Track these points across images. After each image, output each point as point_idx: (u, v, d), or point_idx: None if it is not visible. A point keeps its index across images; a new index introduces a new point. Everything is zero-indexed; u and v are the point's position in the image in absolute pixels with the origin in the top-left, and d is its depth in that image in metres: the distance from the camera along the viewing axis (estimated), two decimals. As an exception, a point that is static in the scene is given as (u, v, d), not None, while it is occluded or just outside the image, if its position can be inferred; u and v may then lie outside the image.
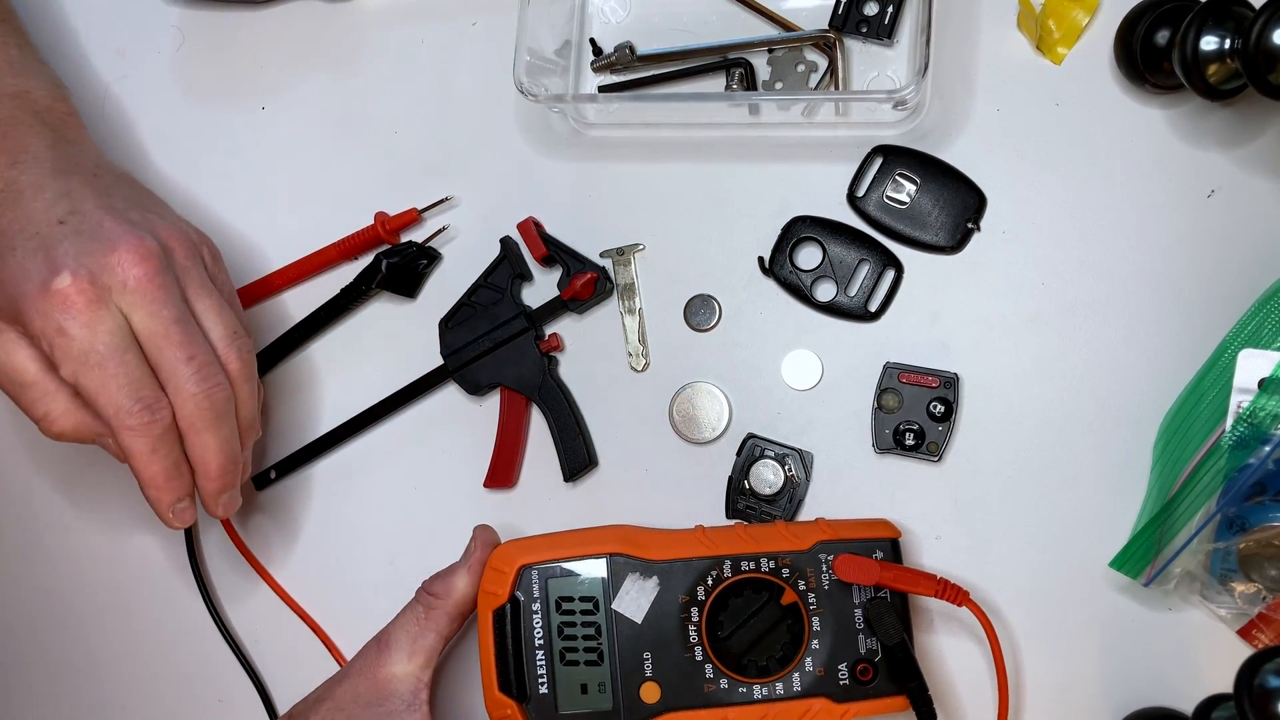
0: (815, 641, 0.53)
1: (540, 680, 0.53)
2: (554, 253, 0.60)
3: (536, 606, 0.54)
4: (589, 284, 0.59)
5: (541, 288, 0.61)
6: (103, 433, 0.52)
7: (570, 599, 0.54)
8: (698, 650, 0.53)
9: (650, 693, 0.53)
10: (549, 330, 0.60)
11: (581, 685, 0.53)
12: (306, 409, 0.62)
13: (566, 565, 0.54)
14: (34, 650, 0.64)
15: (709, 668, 0.53)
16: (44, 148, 0.53)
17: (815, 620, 0.53)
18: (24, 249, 0.50)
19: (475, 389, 0.60)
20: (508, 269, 0.60)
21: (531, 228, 0.60)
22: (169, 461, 0.51)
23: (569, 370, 0.60)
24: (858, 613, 0.53)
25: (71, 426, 0.52)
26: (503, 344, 0.60)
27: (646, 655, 0.53)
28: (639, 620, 0.53)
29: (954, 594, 0.51)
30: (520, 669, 0.54)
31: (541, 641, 0.54)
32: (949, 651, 0.56)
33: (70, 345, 0.49)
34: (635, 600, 0.53)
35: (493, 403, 0.60)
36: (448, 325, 0.61)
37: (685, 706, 0.53)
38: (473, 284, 0.61)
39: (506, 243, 0.60)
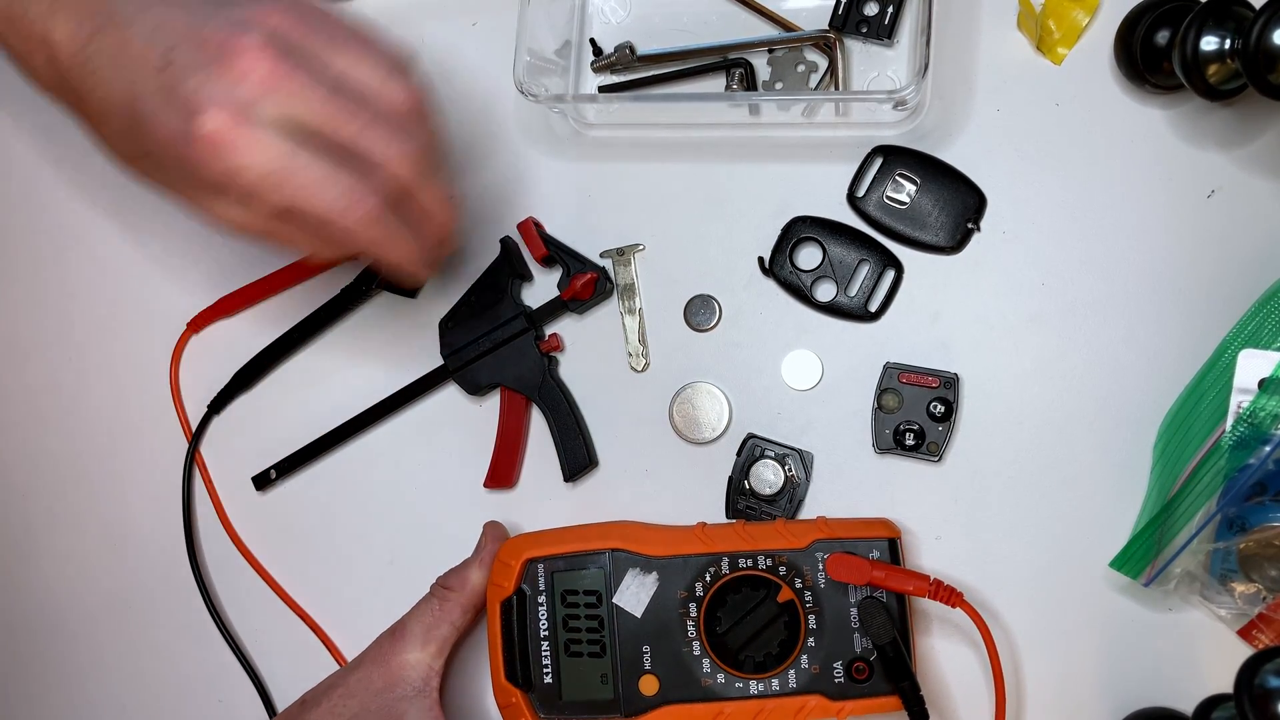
0: (811, 639, 0.53)
1: (545, 670, 0.54)
2: (554, 253, 0.60)
3: (542, 599, 0.54)
4: (589, 284, 0.59)
5: (541, 288, 0.61)
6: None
7: (575, 592, 0.54)
8: (695, 645, 0.53)
9: (649, 685, 0.53)
10: (549, 330, 0.60)
11: (584, 676, 0.54)
12: (306, 409, 0.62)
13: (571, 559, 0.55)
14: (34, 650, 0.64)
15: (706, 662, 0.53)
16: None
17: (811, 618, 0.53)
18: (153, 109, 0.46)
19: (475, 389, 0.60)
20: (507, 269, 0.60)
21: (531, 228, 0.60)
22: (403, 233, 0.50)
23: (569, 370, 0.60)
24: (853, 611, 0.53)
25: (335, 254, 0.51)
26: (503, 344, 0.60)
27: (646, 648, 0.53)
28: (638, 614, 0.53)
29: (947, 595, 0.51)
30: (526, 659, 0.54)
31: (547, 633, 0.54)
32: (948, 652, 0.56)
33: (250, 178, 0.46)
34: (635, 595, 0.54)
35: (493, 403, 0.60)
36: (448, 325, 0.61)
37: (682, 700, 0.53)
38: (473, 284, 0.61)
39: (506, 243, 0.60)
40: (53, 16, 0.48)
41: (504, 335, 0.60)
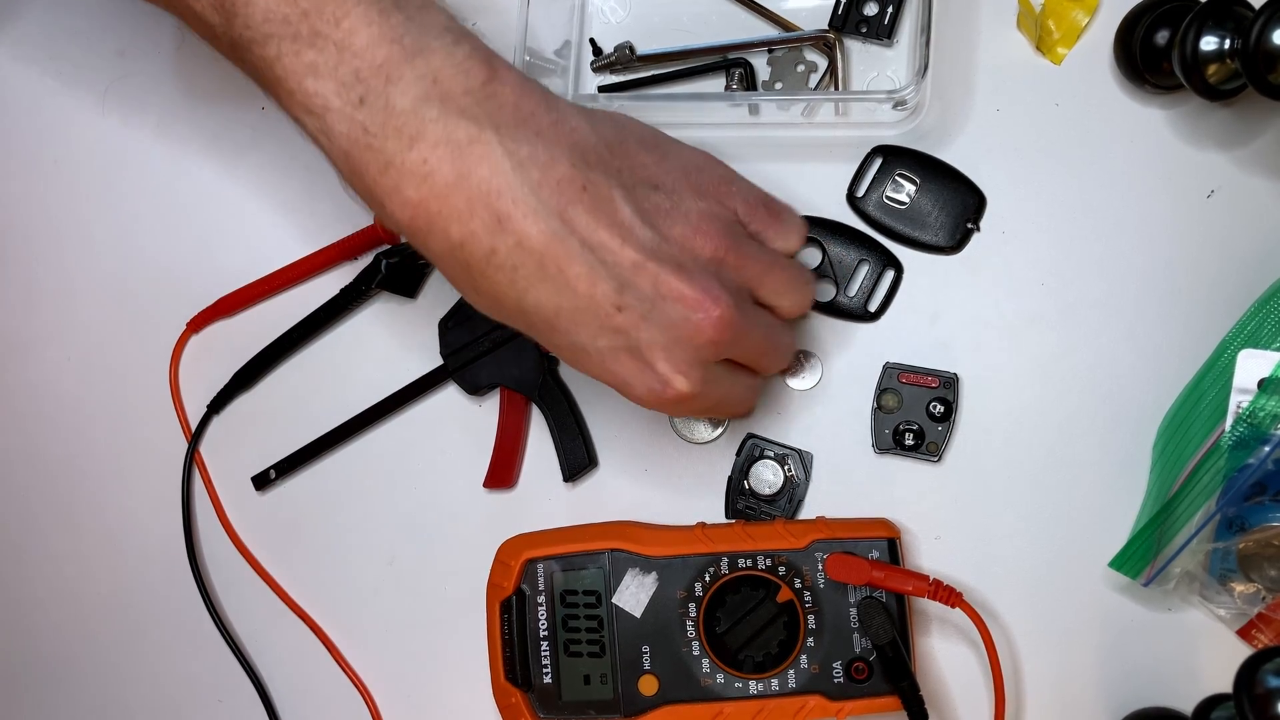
0: (810, 639, 0.53)
1: (544, 670, 0.54)
2: None
3: (542, 599, 0.55)
4: None
5: None
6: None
7: (574, 592, 0.54)
8: (695, 645, 0.53)
9: (648, 685, 0.53)
10: None
11: (584, 676, 0.54)
12: (306, 409, 0.62)
13: (571, 559, 0.55)
14: (34, 651, 0.64)
15: (705, 662, 0.53)
16: (509, 170, 0.41)
17: (810, 618, 0.53)
18: (598, 350, 0.44)
19: (475, 389, 0.60)
20: None
21: None
22: (788, 349, 0.52)
23: (569, 370, 0.60)
24: (853, 612, 0.53)
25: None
26: (503, 344, 0.60)
27: (645, 649, 0.53)
28: (638, 614, 0.54)
29: (946, 595, 0.52)
30: (525, 659, 0.54)
31: (546, 633, 0.54)
32: (948, 652, 0.56)
33: (693, 409, 0.48)
34: (634, 595, 0.54)
35: (493, 403, 0.60)
36: (448, 325, 0.60)
37: (681, 700, 0.53)
38: None
39: None
40: (428, 185, 0.41)
41: (504, 335, 0.60)
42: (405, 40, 0.41)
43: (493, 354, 0.60)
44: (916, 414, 0.56)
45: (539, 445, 0.60)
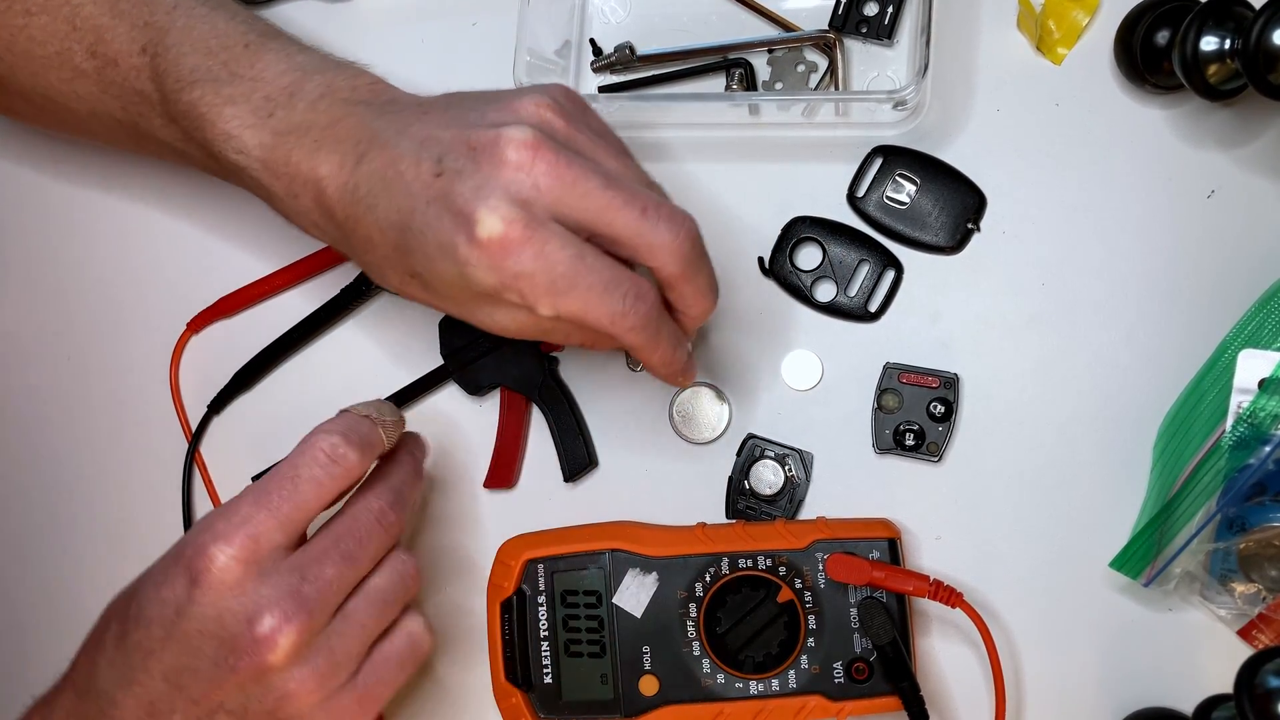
0: (811, 639, 0.53)
1: (545, 670, 0.54)
2: None
3: (542, 599, 0.55)
4: None
5: None
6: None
7: (574, 592, 0.54)
8: (695, 645, 0.53)
9: (649, 685, 0.53)
10: None
11: (584, 676, 0.54)
12: (306, 409, 0.62)
13: (571, 559, 0.55)
14: (34, 651, 0.64)
15: (706, 662, 0.53)
16: (372, 121, 0.48)
17: (811, 618, 0.53)
18: (427, 223, 0.45)
19: (475, 389, 0.60)
20: None
21: None
22: (670, 334, 0.48)
23: (569, 370, 0.60)
24: (853, 612, 0.53)
25: (608, 347, 0.51)
26: (503, 344, 0.60)
27: (645, 649, 0.53)
28: (638, 615, 0.54)
29: (947, 595, 0.52)
30: (525, 659, 0.54)
31: (546, 633, 0.54)
32: (948, 652, 0.56)
33: (535, 283, 0.44)
34: (635, 595, 0.54)
35: (493, 403, 0.60)
36: (448, 325, 0.60)
37: (682, 700, 0.53)
38: None
39: None
40: (317, 154, 0.48)
41: (503, 335, 0.59)
42: (307, 68, 0.50)
43: (493, 354, 0.60)
44: (917, 414, 0.56)
45: (539, 445, 0.60)
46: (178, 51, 0.51)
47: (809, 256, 0.59)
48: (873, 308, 0.58)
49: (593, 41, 0.61)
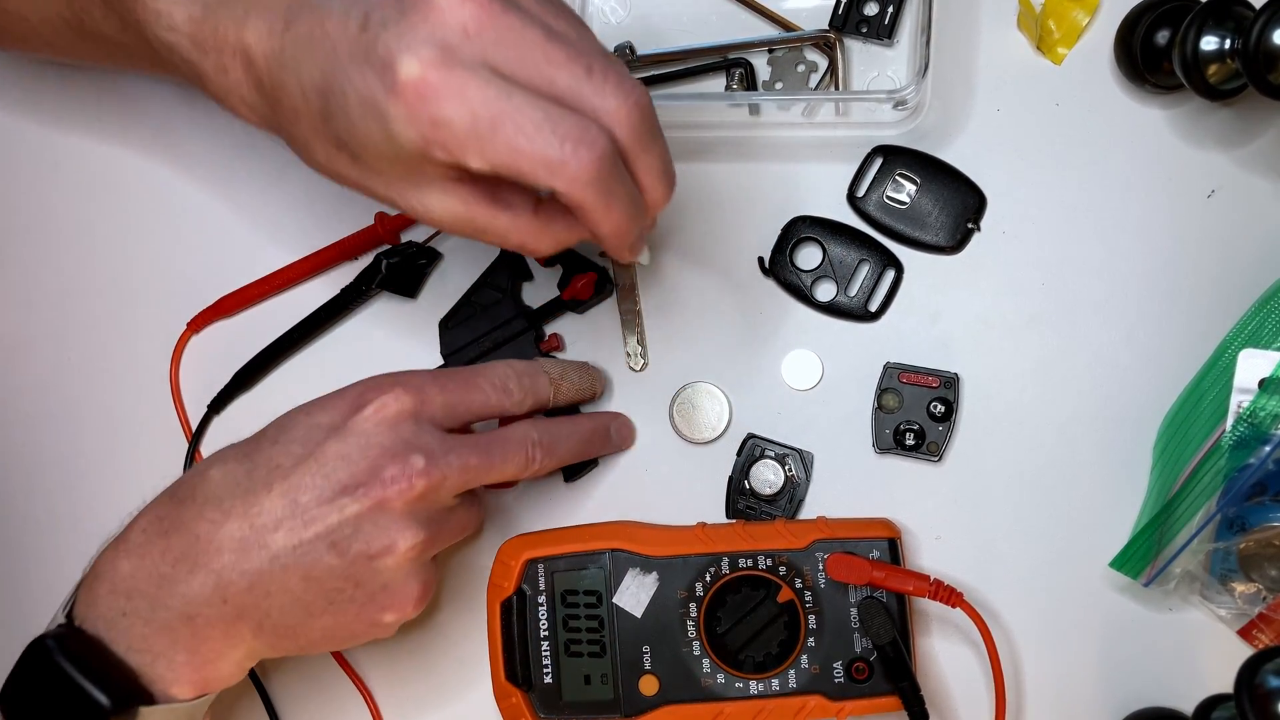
0: (811, 639, 0.53)
1: (545, 670, 0.54)
2: (558, 254, 0.59)
3: (542, 599, 0.55)
4: (589, 284, 0.58)
5: (542, 287, 0.61)
6: (582, 231, 0.45)
7: (575, 592, 0.54)
8: (695, 645, 0.53)
9: (649, 685, 0.53)
10: (549, 330, 0.60)
11: (584, 676, 0.54)
12: (306, 409, 0.62)
13: (571, 559, 0.55)
14: (34, 650, 0.64)
15: (706, 662, 0.53)
16: None
17: (811, 618, 0.53)
18: (349, 79, 0.42)
19: None
20: (508, 269, 0.60)
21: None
22: (627, 196, 0.43)
23: (569, 370, 0.60)
24: (853, 612, 0.53)
25: (549, 239, 0.46)
26: (503, 344, 0.60)
27: (646, 648, 0.53)
28: (638, 615, 0.54)
29: (947, 595, 0.52)
30: (526, 659, 0.54)
31: (547, 633, 0.54)
32: (948, 652, 0.56)
33: (455, 130, 0.40)
34: (635, 595, 0.54)
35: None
36: (447, 325, 0.60)
37: (682, 700, 0.53)
38: (473, 284, 0.60)
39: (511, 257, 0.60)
40: (245, 21, 0.45)
41: (504, 335, 0.60)
42: None
43: (493, 354, 0.60)
44: (917, 414, 0.56)
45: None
46: None
47: (809, 256, 0.59)
48: (873, 308, 0.58)
49: (593, 41, 0.61)
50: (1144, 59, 0.54)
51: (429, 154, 0.42)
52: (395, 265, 0.60)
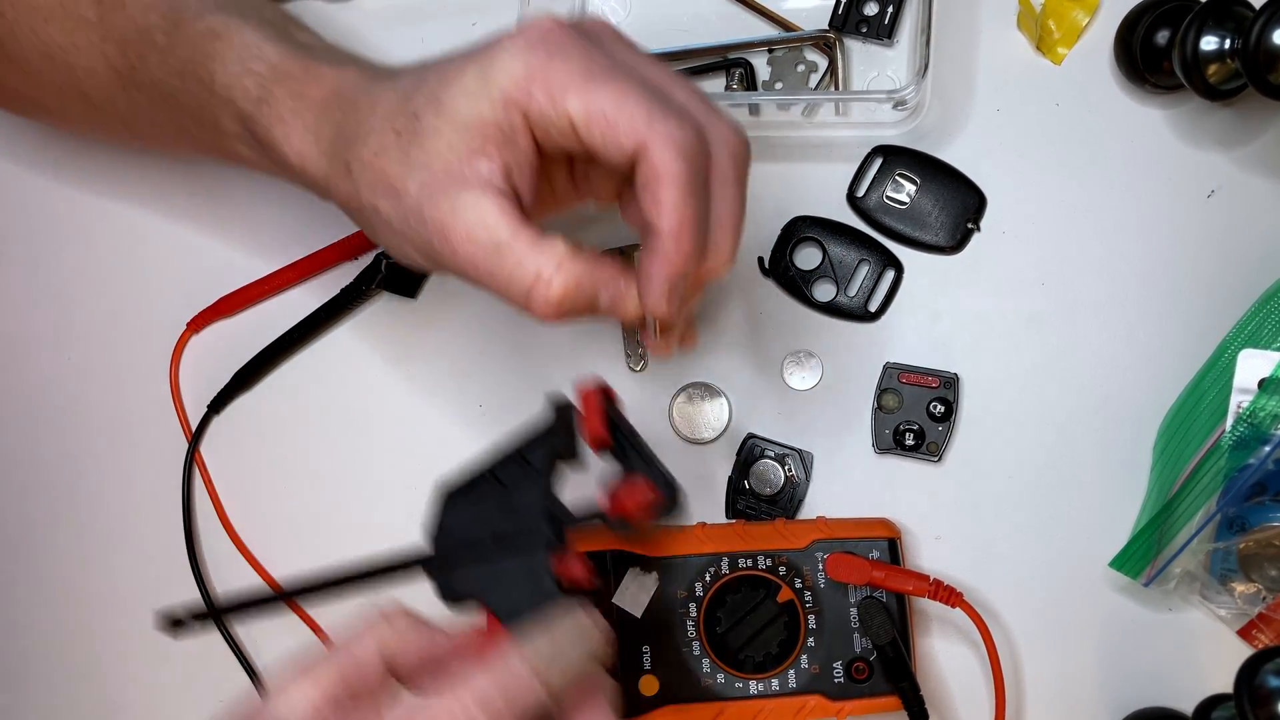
0: (811, 639, 0.53)
1: None
2: (618, 443, 0.46)
3: None
4: (646, 506, 0.44)
5: (581, 484, 0.47)
6: (606, 278, 0.42)
7: None
8: (695, 645, 0.53)
9: (649, 685, 0.53)
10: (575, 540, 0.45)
11: None
12: (307, 409, 0.62)
13: None
14: (34, 651, 0.64)
15: (706, 662, 0.53)
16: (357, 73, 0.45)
17: (811, 618, 0.53)
18: (462, 59, 0.42)
19: (451, 597, 0.45)
20: (552, 445, 0.46)
21: (599, 402, 0.45)
22: (701, 211, 0.41)
23: (564, 370, 0.60)
24: (853, 612, 0.53)
25: (572, 280, 0.41)
26: (507, 548, 0.45)
27: (646, 649, 0.53)
28: (638, 615, 0.53)
29: (947, 595, 0.52)
30: None
31: None
32: (948, 652, 0.56)
33: (570, 68, 0.40)
34: (634, 595, 0.54)
35: (494, 391, 0.60)
36: (453, 500, 0.46)
37: (682, 700, 0.53)
38: (505, 451, 0.47)
39: (564, 413, 0.46)
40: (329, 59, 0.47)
41: (512, 532, 0.45)
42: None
43: (493, 559, 0.45)
44: (917, 414, 0.56)
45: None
46: None
47: (809, 256, 0.59)
48: (873, 308, 0.58)
49: (593, 41, 0.61)
50: (1144, 59, 0.54)
51: (523, 96, 0.40)
52: (395, 265, 0.60)
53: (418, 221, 0.42)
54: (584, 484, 0.47)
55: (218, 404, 0.63)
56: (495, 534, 0.45)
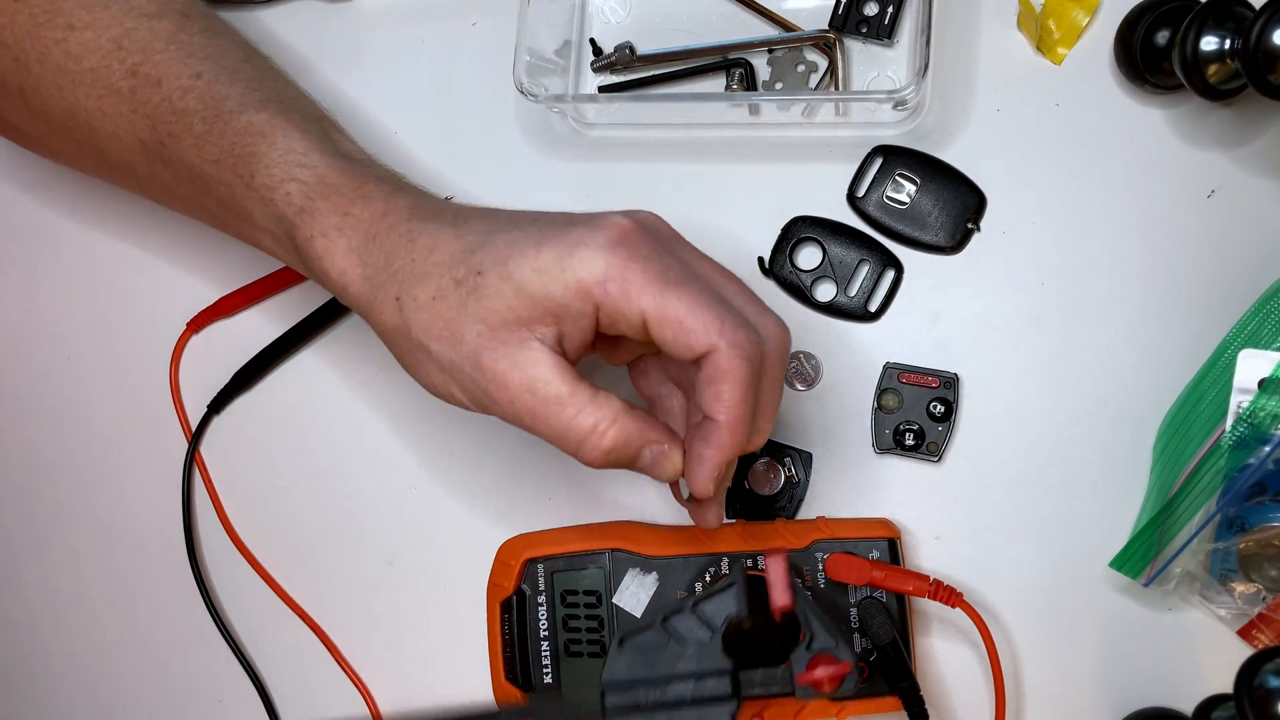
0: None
1: (545, 670, 0.54)
2: (802, 616, 0.46)
3: (542, 599, 0.55)
4: (839, 679, 0.44)
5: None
6: (653, 439, 0.45)
7: (575, 592, 0.54)
8: (695, 646, 0.53)
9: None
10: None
11: (585, 676, 0.54)
12: (307, 409, 0.62)
13: (571, 559, 0.55)
14: (34, 650, 0.64)
15: (706, 663, 0.53)
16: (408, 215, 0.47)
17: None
18: (544, 227, 0.45)
19: None
20: (728, 605, 0.46)
21: (786, 572, 0.46)
22: (753, 404, 0.45)
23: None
24: (853, 612, 0.53)
25: (623, 435, 0.44)
26: (687, 704, 0.45)
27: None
28: (638, 614, 0.53)
29: (947, 595, 0.51)
30: (526, 659, 0.54)
31: (547, 633, 0.54)
32: (948, 652, 0.56)
33: (648, 271, 0.43)
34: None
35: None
36: (622, 642, 0.46)
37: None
38: (672, 607, 0.47)
39: (753, 581, 0.47)
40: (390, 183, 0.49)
41: (691, 692, 0.45)
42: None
43: (665, 712, 0.45)
44: (917, 414, 0.56)
45: (536, 445, 0.60)
46: (247, 84, 0.51)
47: (809, 256, 0.59)
48: (873, 308, 0.58)
49: (593, 41, 0.61)
50: (1144, 59, 0.54)
51: (599, 290, 0.43)
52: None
53: (474, 368, 0.44)
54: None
55: (218, 404, 0.63)
56: (668, 691, 0.46)
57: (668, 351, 0.44)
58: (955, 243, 0.57)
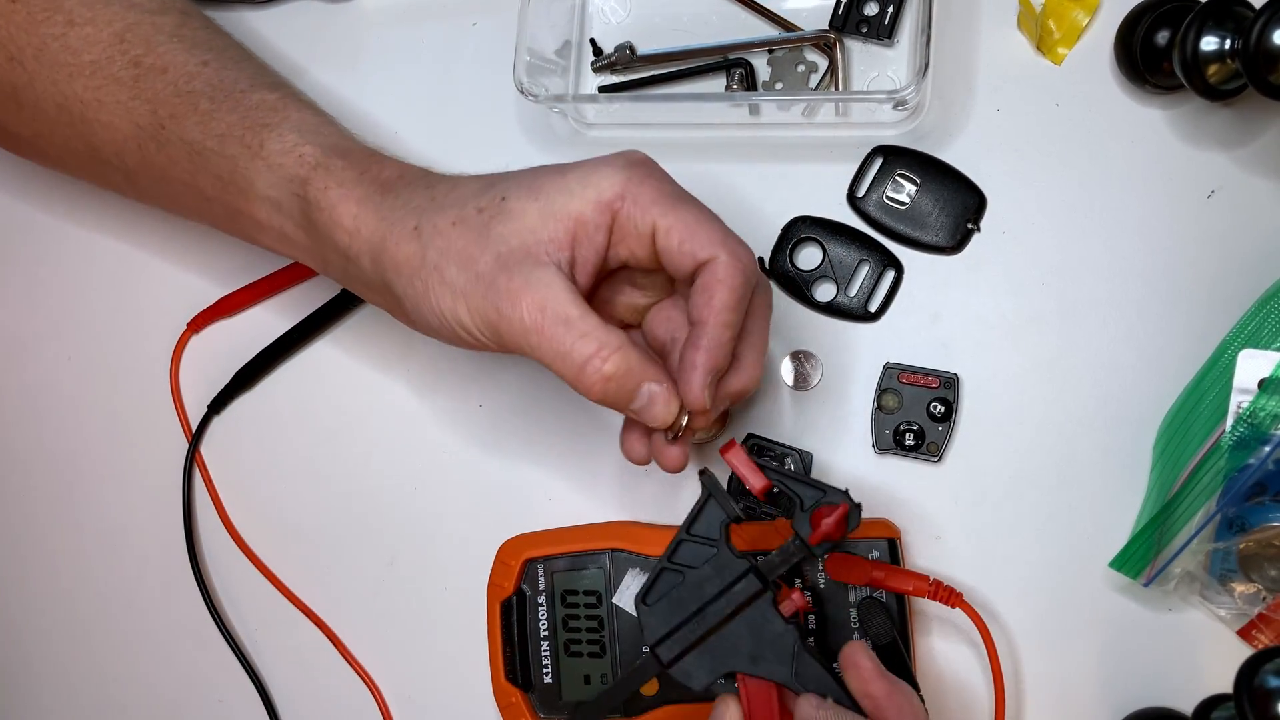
0: (811, 639, 0.53)
1: (545, 670, 0.54)
2: (780, 485, 0.48)
3: (542, 599, 0.55)
4: (844, 521, 0.47)
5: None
6: (654, 375, 0.46)
7: (574, 592, 0.54)
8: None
9: (649, 685, 0.53)
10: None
11: (584, 676, 0.54)
12: (307, 409, 0.62)
13: (571, 559, 0.55)
14: (34, 650, 0.64)
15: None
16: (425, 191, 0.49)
17: (811, 618, 0.53)
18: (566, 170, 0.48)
19: (704, 689, 0.48)
20: (716, 514, 0.48)
21: (745, 456, 0.48)
22: (740, 319, 0.48)
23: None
24: (853, 612, 0.53)
25: (625, 363, 0.45)
26: (730, 618, 0.47)
27: (645, 648, 0.53)
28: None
29: (947, 595, 0.51)
30: (525, 659, 0.54)
31: (546, 633, 0.54)
32: (948, 652, 0.56)
33: (662, 189, 0.47)
34: (634, 594, 0.53)
35: (494, 392, 0.60)
36: (647, 603, 0.48)
37: (682, 699, 0.53)
38: (669, 547, 0.49)
39: (708, 480, 0.49)
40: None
41: (729, 605, 0.47)
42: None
43: (721, 630, 0.48)
44: (917, 414, 0.56)
45: (535, 444, 0.60)
46: (256, 70, 0.53)
47: (809, 256, 0.59)
48: (873, 308, 0.58)
49: (593, 41, 0.61)
50: (1144, 59, 0.54)
51: (617, 201, 0.46)
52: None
53: (487, 287, 0.45)
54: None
55: (218, 404, 0.63)
56: (711, 613, 0.47)
57: (669, 263, 0.47)
58: (955, 243, 0.57)
